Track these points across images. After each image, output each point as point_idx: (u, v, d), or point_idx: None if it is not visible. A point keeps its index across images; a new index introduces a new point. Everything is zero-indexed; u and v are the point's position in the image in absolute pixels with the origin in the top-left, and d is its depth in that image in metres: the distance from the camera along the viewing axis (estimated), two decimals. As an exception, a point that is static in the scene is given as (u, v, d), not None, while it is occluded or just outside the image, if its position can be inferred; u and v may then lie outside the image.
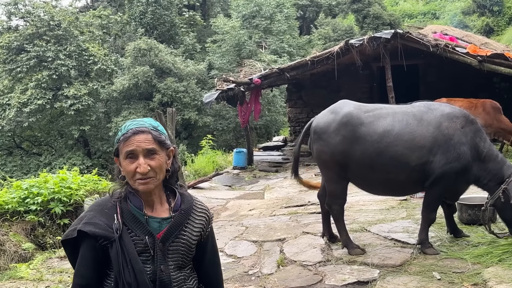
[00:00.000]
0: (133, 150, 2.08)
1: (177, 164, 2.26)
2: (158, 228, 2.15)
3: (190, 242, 2.19)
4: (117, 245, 2.06)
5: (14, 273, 5.95)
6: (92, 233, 2.07)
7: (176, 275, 2.15)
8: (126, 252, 2.06)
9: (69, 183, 7.78)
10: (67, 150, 27.07)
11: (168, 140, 2.20)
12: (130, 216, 2.13)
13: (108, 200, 2.20)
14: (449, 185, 5.33)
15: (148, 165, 2.08)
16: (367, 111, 5.53)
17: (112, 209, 2.14)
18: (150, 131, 2.12)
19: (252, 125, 20.85)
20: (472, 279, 4.63)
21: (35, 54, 25.92)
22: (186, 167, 14.02)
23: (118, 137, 2.15)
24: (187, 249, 2.18)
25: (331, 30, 34.66)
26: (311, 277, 5.08)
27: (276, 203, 8.92)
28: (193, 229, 2.21)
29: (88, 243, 2.10)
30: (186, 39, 32.81)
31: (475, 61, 10.80)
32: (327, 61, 12.65)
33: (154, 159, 2.10)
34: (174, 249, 2.15)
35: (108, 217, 2.12)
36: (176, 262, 2.15)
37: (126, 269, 2.05)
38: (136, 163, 2.08)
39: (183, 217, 2.20)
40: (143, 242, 2.10)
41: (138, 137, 2.09)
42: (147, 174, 2.08)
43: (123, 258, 2.06)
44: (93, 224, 2.09)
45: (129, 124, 2.16)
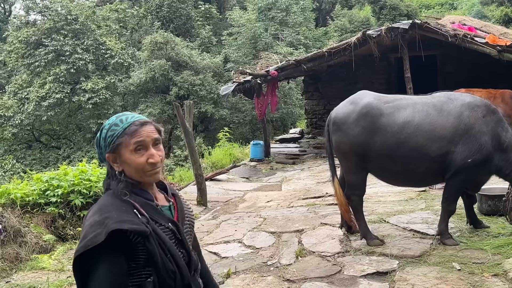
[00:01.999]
0: (143, 141, 2.05)
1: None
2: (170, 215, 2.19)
3: (193, 222, 2.31)
4: (153, 238, 1.99)
5: (36, 263, 6.03)
6: (133, 230, 1.94)
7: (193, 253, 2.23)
8: (162, 242, 2.03)
9: (89, 176, 7.83)
10: (85, 144, 27.29)
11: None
12: (149, 207, 2.08)
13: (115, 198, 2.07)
14: (470, 176, 5.28)
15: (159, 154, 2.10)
16: (387, 102, 5.48)
17: (127, 206, 2.03)
18: (151, 122, 2.13)
19: (268, 118, 20.82)
20: (493, 270, 4.60)
21: (53, 49, 26.13)
22: (203, 159, 14.06)
23: (118, 132, 2.06)
24: (192, 229, 2.29)
25: (348, 22, 34.41)
26: (330, 268, 5.07)
27: (293, 195, 8.91)
28: (189, 210, 2.32)
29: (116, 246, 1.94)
30: (202, 32, 32.80)
31: (494, 51, 10.64)
32: (344, 52, 12.57)
33: (159, 149, 2.12)
34: (186, 231, 2.22)
35: (128, 213, 2.00)
36: (190, 241, 2.23)
37: (165, 259, 2.02)
38: (147, 154, 2.05)
39: (181, 201, 2.29)
40: (169, 229, 2.10)
41: (145, 128, 2.08)
42: (158, 164, 2.09)
43: (161, 249, 2.02)
44: (125, 222, 1.94)
45: (126, 118, 2.11)
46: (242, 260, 5.58)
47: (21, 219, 6.84)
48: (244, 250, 5.93)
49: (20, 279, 5.61)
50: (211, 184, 10.48)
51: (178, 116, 8.26)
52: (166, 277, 2.02)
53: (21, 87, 27.22)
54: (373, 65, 14.65)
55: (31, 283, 5.37)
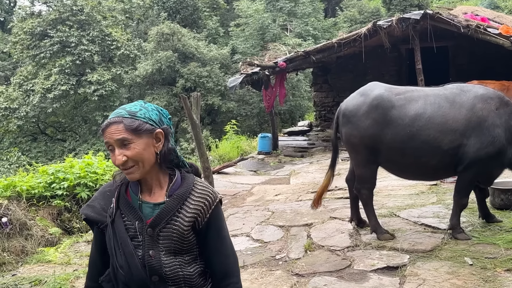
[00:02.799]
0: (108, 142, 2.07)
1: (168, 145, 2.14)
2: (150, 214, 2.11)
3: (182, 229, 2.09)
4: (109, 229, 2.10)
5: (42, 256, 6.00)
6: (87, 216, 2.17)
7: (169, 260, 2.08)
8: (117, 236, 2.09)
9: (95, 168, 7.81)
10: (91, 136, 27.35)
11: (149, 124, 2.08)
12: (124, 201, 2.14)
13: (112, 184, 2.23)
14: (482, 169, 5.18)
15: (123, 155, 2.03)
16: (398, 94, 5.38)
17: (113, 193, 2.18)
18: (122, 121, 2.04)
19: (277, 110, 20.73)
20: (505, 265, 4.53)
21: (58, 40, 26.14)
22: (210, 152, 14.00)
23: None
24: (179, 236, 2.09)
25: (357, 12, 34.20)
26: (340, 262, 5.02)
27: (302, 188, 8.84)
28: (186, 214, 2.10)
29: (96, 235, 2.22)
30: (209, 23, 32.74)
31: (508, 42, 10.50)
32: (354, 43, 12.45)
33: (129, 148, 2.03)
34: (165, 235, 2.08)
35: (107, 200, 2.17)
36: (168, 248, 2.09)
37: (118, 252, 2.08)
38: (114, 154, 2.06)
39: (175, 202, 2.11)
40: (134, 227, 2.10)
41: (109, 129, 2.06)
42: (126, 164, 2.04)
43: (115, 241, 2.09)
44: (91, 208, 2.18)
45: (110, 115, 2.13)
46: (250, 254, 5.52)
47: (27, 212, 6.83)
48: (252, 244, 5.87)
49: (26, 272, 5.58)
50: (219, 177, 10.42)
51: (185, 108, 8.17)
52: (118, 269, 2.08)
53: (26, 79, 27.27)
54: (383, 56, 14.51)
55: (37, 276, 5.33)
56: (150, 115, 2.10)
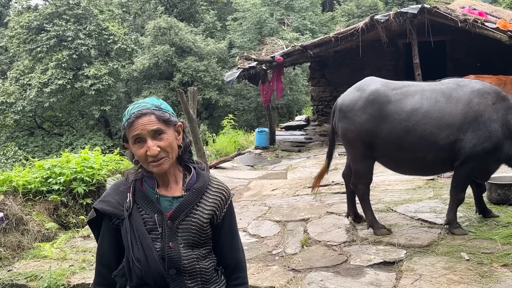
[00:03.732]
0: (139, 134, 2.07)
1: (188, 138, 2.25)
2: (169, 207, 2.14)
3: (201, 221, 2.15)
4: (127, 222, 2.10)
5: (38, 252, 5.98)
6: (103, 211, 2.15)
7: (187, 253, 2.12)
8: (135, 229, 2.09)
9: (91, 163, 7.77)
10: (88, 131, 27.31)
11: (174, 117, 2.17)
12: (141, 194, 2.15)
13: (124, 180, 2.23)
14: (479, 164, 5.17)
15: (157, 146, 2.06)
16: (394, 89, 5.37)
17: (127, 188, 2.18)
18: (152, 112, 2.08)
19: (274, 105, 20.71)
20: (502, 260, 4.52)
21: (55, 34, 26.04)
22: (207, 147, 13.99)
23: (123, 123, 2.13)
24: (198, 228, 2.14)
25: (355, 6, 34.16)
26: (336, 257, 5.00)
27: (299, 183, 8.83)
28: (205, 208, 2.17)
29: (106, 222, 2.18)
30: (206, 17, 32.63)
31: (505, 36, 10.48)
32: (351, 37, 12.43)
33: (162, 139, 2.08)
34: (185, 227, 2.12)
35: (121, 195, 2.17)
36: (186, 241, 2.12)
37: (135, 245, 2.09)
38: (145, 146, 2.06)
39: (194, 196, 2.17)
40: (152, 220, 2.11)
41: (141, 120, 2.06)
42: (158, 155, 2.07)
43: (132, 234, 2.10)
44: (106, 202, 2.17)
45: (131, 108, 2.12)
46: (247, 249, 5.49)
47: (23, 207, 6.80)
48: (248, 239, 5.85)
49: (22, 268, 5.55)
50: (215, 172, 10.41)
51: (181, 103, 8.14)
52: (134, 262, 2.08)
53: (23, 73, 27.18)
54: (381, 51, 14.49)
55: (33, 271, 5.31)
56: (169, 108, 2.17)
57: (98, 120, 28.30)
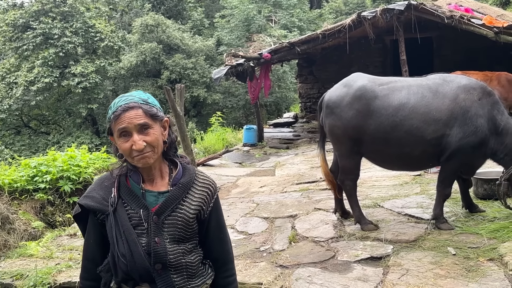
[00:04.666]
0: (125, 128, 2.05)
1: (173, 134, 2.24)
2: (155, 202, 2.14)
3: (187, 216, 2.14)
4: (111, 218, 2.09)
5: (24, 251, 5.93)
6: (87, 206, 2.14)
7: (173, 248, 2.12)
8: (120, 224, 2.08)
9: (78, 161, 7.73)
10: (75, 129, 27.13)
11: (161, 112, 2.16)
12: (126, 190, 2.14)
13: (109, 175, 2.22)
14: (465, 159, 5.19)
15: (143, 140, 2.05)
16: (381, 84, 5.37)
17: (112, 183, 2.16)
18: (140, 106, 2.07)
19: (262, 102, 20.72)
20: (488, 254, 4.54)
21: (41, 32, 25.84)
22: (195, 144, 13.94)
23: (109, 115, 2.10)
24: (184, 223, 2.14)
25: (343, 4, 34.24)
26: (324, 253, 5.00)
27: (287, 180, 8.83)
28: (191, 203, 2.17)
29: (91, 217, 2.18)
30: (194, 15, 32.53)
31: (491, 32, 10.51)
32: (338, 34, 12.41)
33: (149, 133, 2.07)
34: (170, 223, 2.12)
35: (106, 191, 2.16)
36: (172, 236, 2.12)
37: (120, 240, 2.08)
38: (131, 140, 2.05)
39: (180, 191, 2.16)
40: (138, 215, 2.10)
41: (128, 113, 2.04)
42: (144, 150, 2.06)
43: (117, 230, 2.09)
44: (90, 198, 2.15)
45: (118, 101, 2.10)
46: (235, 246, 5.49)
47: (9, 206, 6.75)
48: (236, 236, 5.84)
49: (8, 267, 5.51)
50: (204, 170, 10.35)
51: (169, 100, 8.12)
52: (120, 257, 2.08)
53: (9, 71, 26.95)
54: (368, 47, 14.52)
55: (19, 270, 5.27)
56: (156, 103, 2.16)
57: (85, 119, 28.13)
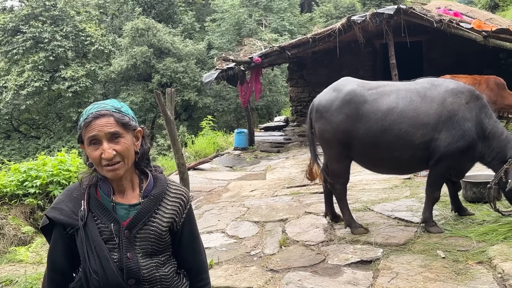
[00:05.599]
0: (95, 135, 1.97)
1: (146, 145, 2.15)
2: (126, 215, 2.06)
3: (160, 230, 2.08)
4: (82, 233, 2.01)
5: (14, 256, 5.91)
6: (56, 220, 2.04)
7: (146, 262, 2.06)
8: (91, 240, 2.00)
9: (68, 166, 7.71)
10: (65, 133, 27.00)
11: (134, 121, 2.08)
12: (96, 203, 2.05)
13: (78, 186, 2.12)
14: (454, 163, 5.24)
15: (113, 149, 1.97)
16: (370, 89, 5.41)
17: (81, 195, 2.07)
18: (112, 114, 2.00)
19: (253, 106, 20.74)
20: (477, 257, 4.57)
21: (31, 35, 25.71)
22: (186, 148, 13.92)
23: (80, 122, 2.03)
24: (157, 237, 2.07)
25: (333, 7, 34.34)
26: (314, 257, 5.02)
27: (278, 184, 8.84)
28: (164, 215, 2.09)
29: (59, 229, 2.07)
30: (184, 18, 32.50)
31: (480, 36, 10.58)
32: (328, 38, 12.46)
33: (119, 142, 1.99)
34: (142, 236, 2.05)
35: (75, 203, 2.06)
36: (145, 250, 2.06)
37: (91, 256, 2.00)
38: (100, 149, 1.97)
39: (152, 203, 2.08)
40: (109, 230, 2.02)
41: (99, 121, 1.97)
42: (113, 159, 1.98)
43: (88, 245, 2.00)
44: (59, 210, 2.05)
45: (90, 108, 2.03)
46: (225, 250, 5.50)
47: (-2, 211, 6.71)
48: (227, 240, 5.85)
49: (-3, 272, 5.47)
50: (194, 174, 10.37)
51: (159, 104, 8.08)
52: (92, 274, 1.99)
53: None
54: (358, 51, 14.59)
55: (8, 276, 5.25)
56: (130, 112, 2.09)
57: (75, 123, 27.94)
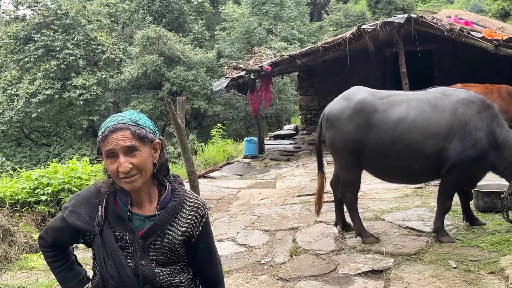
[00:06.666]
0: (112, 149, 2.00)
1: (164, 157, 2.16)
2: (141, 226, 2.09)
3: (174, 242, 2.10)
4: (98, 239, 2.06)
5: (25, 263, 5.94)
6: (74, 226, 2.11)
7: (160, 269, 2.09)
8: (107, 246, 2.05)
9: (79, 173, 7.75)
10: (76, 141, 27.14)
11: (152, 133, 2.09)
12: (113, 211, 2.09)
13: (96, 191, 2.16)
14: (465, 172, 5.22)
15: (129, 162, 1.99)
16: (381, 98, 5.41)
17: (100, 201, 2.11)
18: (128, 127, 2.01)
19: (263, 114, 20.75)
20: (489, 267, 4.55)
21: (43, 44, 25.93)
22: (196, 156, 13.95)
23: (98, 136, 2.06)
24: (170, 249, 2.10)
25: (343, 16, 34.34)
26: (325, 266, 5.01)
27: (288, 192, 8.83)
28: (179, 228, 2.11)
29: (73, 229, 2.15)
30: (195, 27, 32.67)
31: (491, 45, 10.56)
32: (339, 47, 12.46)
33: (136, 156, 2.01)
34: (156, 247, 2.08)
35: (93, 208, 2.11)
36: (158, 260, 2.09)
37: (108, 262, 2.05)
38: (117, 162, 1.99)
39: (168, 216, 2.10)
40: (124, 238, 2.06)
41: (115, 135, 2.00)
42: (130, 172, 2.00)
43: (104, 251, 2.06)
44: (77, 215, 2.11)
45: (108, 121, 2.07)
46: (236, 258, 5.50)
47: (10, 218, 6.76)
48: (237, 248, 5.85)
49: (9, 279, 5.52)
50: (204, 182, 10.38)
51: (170, 113, 8.12)
52: (108, 279, 2.05)
53: (11, 83, 27.00)
54: (368, 60, 14.57)
55: (20, 283, 5.29)
56: (148, 124, 2.10)
57: (86, 130, 28.14)
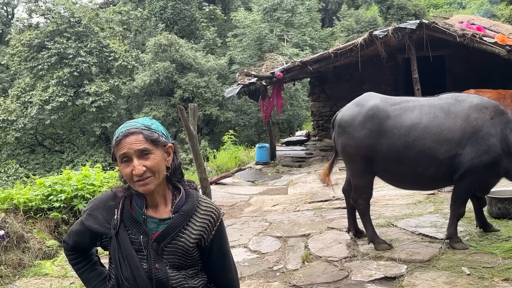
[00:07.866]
0: (126, 153, 2.06)
1: (178, 160, 2.22)
2: (155, 229, 2.13)
3: (187, 246, 2.12)
4: (114, 241, 2.13)
5: (39, 269, 5.98)
6: (91, 229, 2.19)
7: (174, 273, 2.12)
8: (122, 248, 2.11)
9: (92, 180, 7.79)
10: (89, 147, 27.31)
11: (165, 137, 2.15)
12: (129, 214, 2.14)
13: (113, 195, 2.23)
14: (478, 178, 5.19)
15: (143, 165, 2.05)
16: (393, 104, 5.40)
17: (116, 204, 2.18)
18: (141, 131, 2.08)
19: (274, 120, 20.75)
20: (503, 274, 4.51)
21: (56, 51, 26.18)
22: (208, 162, 13.99)
23: (113, 142, 2.14)
24: (184, 251, 2.13)
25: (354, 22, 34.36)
26: (337, 273, 4.99)
27: (300, 199, 8.82)
28: (192, 231, 2.14)
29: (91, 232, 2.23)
30: (206, 34, 32.84)
31: (504, 51, 10.49)
32: (350, 53, 12.45)
33: (149, 158, 2.07)
34: (170, 250, 2.11)
35: (109, 211, 2.18)
36: (172, 263, 2.12)
37: (123, 264, 2.11)
38: (131, 165, 2.06)
39: (181, 219, 2.14)
40: (138, 241, 2.11)
41: (128, 139, 2.06)
42: (144, 175, 2.05)
43: (119, 253, 2.11)
44: (94, 218, 2.19)
45: (121, 128, 2.13)
46: (248, 265, 5.50)
47: (24, 225, 6.80)
48: (249, 255, 5.85)
49: (23, 286, 5.57)
50: (216, 188, 10.40)
51: (182, 119, 8.18)
52: (124, 282, 2.11)
53: (24, 91, 27.26)
54: (380, 66, 14.54)
55: (34, 289, 5.31)
56: (161, 129, 2.16)
57: (99, 137, 28.32)
